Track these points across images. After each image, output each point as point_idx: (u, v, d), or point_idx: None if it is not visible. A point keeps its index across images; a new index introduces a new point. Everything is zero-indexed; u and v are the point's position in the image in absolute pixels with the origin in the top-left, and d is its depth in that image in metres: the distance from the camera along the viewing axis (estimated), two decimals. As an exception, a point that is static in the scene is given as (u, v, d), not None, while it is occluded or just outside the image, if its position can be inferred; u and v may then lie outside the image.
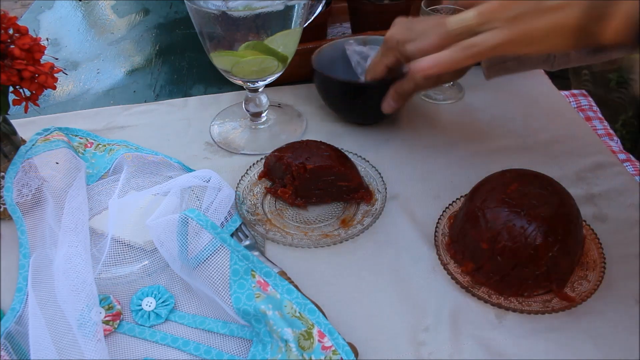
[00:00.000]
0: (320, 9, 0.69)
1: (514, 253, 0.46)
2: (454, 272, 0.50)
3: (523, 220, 0.46)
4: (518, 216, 0.46)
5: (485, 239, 0.47)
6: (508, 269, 0.46)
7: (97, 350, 0.44)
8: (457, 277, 0.49)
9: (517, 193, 0.48)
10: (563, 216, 0.47)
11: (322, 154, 0.57)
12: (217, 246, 0.48)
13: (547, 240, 0.45)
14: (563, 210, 0.47)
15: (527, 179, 0.49)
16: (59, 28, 1.03)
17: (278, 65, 0.64)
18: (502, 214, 0.47)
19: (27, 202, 0.57)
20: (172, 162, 0.64)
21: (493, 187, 0.50)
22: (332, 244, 0.55)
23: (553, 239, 0.45)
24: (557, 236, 0.45)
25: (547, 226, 0.45)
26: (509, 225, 0.46)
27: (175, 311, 0.49)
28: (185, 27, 1.01)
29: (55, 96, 0.82)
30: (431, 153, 0.67)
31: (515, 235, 0.45)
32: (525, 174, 0.51)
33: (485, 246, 0.47)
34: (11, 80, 0.51)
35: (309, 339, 0.44)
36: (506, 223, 0.46)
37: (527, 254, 0.45)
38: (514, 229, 0.46)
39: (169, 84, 0.84)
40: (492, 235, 0.47)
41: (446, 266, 0.50)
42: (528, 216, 0.46)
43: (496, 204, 0.48)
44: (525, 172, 0.51)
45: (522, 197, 0.47)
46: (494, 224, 0.47)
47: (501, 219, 0.47)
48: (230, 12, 0.57)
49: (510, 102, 0.76)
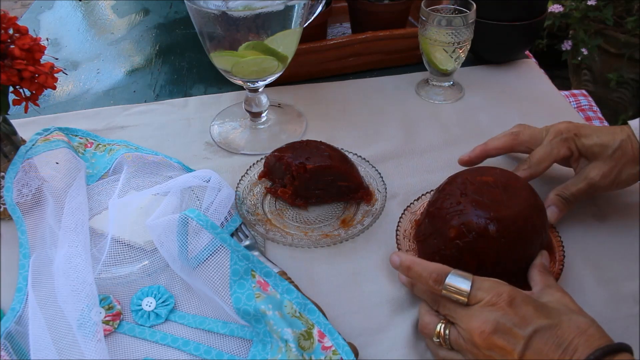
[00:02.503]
0: (320, 9, 0.69)
1: (472, 249, 0.46)
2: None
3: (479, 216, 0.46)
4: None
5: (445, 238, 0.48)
6: (473, 269, 0.45)
7: (97, 350, 0.44)
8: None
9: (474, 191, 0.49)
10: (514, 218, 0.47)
11: (322, 154, 0.57)
12: (217, 246, 0.48)
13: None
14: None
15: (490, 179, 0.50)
16: (59, 28, 1.03)
17: (278, 65, 0.64)
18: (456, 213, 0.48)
19: (27, 202, 0.57)
20: (172, 162, 0.64)
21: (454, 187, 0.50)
22: (332, 244, 0.54)
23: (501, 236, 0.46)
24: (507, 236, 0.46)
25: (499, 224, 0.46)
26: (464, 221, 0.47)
27: (175, 311, 0.49)
28: (185, 27, 1.01)
29: (55, 96, 0.82)
30: (431, 153, 0.67)
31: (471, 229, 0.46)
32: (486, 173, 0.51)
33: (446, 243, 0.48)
34: (11, 80, 0.51)
35: (309, 339, 0.44)
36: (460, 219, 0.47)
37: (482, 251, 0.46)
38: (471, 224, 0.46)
39: (169, 84, 0.84)
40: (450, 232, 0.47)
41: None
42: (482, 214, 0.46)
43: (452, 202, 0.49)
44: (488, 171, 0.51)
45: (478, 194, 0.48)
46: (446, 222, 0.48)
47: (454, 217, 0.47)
48: (230, 12, 0.57)
49: (510, 102, 0.76)
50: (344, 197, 0.59)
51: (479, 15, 0.72)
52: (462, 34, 0.70)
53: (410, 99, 0.77)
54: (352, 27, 0.88)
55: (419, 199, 0.58)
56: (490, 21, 0.76)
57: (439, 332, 0.43)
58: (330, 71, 0.82)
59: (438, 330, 0.43)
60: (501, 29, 0.77)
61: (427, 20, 0.70)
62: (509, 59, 0.84)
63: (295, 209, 0.59)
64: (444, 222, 0.48)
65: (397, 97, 0.78)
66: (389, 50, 0.82)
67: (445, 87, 0.77)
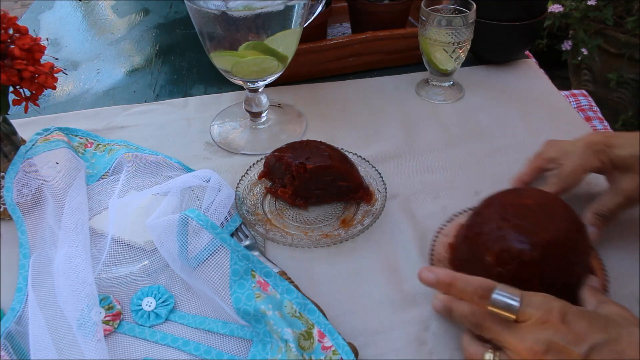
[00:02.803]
0: (320, 9, 0.69)
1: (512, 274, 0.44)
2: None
3: (522, 242, 0.44)
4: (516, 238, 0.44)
5: (486, 258, 0.46)
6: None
7: (97, 350, 0.44)
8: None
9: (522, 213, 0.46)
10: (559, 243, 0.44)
11: (322, 154, 0.57)
12: (217, 246, 0.48)
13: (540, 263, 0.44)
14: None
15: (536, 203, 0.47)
16: (59, 28, 1.03)
17: (278, 65, 0.64)
18: (501, 235, 0.45)
19: (27, 202, 0.57)
20: (172, 162, 0.64)
21: (500, 205, 0.48)
22: (332, 244, 0.55)
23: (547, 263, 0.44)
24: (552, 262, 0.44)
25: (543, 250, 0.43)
26: (506, 246, 0.44)
27: (175, 311, 0.49)
28: (185, 27, 1.01)
29: (55, 96, 0.82)
30: (431, 153, 0.67)
31: (513, 256, 0.44)
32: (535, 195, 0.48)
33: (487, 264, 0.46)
34: (11, 80, 0.51)
35: (309, 339, 0.44)
36: (503, 244, 0.45)
37: (523, 275, 0.44)
38: (512, 249, 0.44)
39: (169, 84, 0.84)
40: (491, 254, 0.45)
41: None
42: (526, 239, 0.44)
43: (497, 224, 0.46)
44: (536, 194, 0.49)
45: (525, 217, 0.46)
46: (491, 244, 0.45)
47: (498, 240, 0.45)
48: (230, 12, 0.57)
49: (510, 102, 0.76)
50: (344, 197, 0.59)
51: (479, 15, 0.72)
52: (462, 34, 0.70)
53: (410, 99, 0.77)
54: (352, 27, 0.88)
55: (450, 220, 0.55)
56: (490, 21, 0.76)
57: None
58: (330, 71, 0.82)
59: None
60: (501, 29, 0.77)
61: (427, 20, 0.70)
62: (509, 59, 0.84)
63: (295, 209, 0.59)
64: (485, 248, 0.45)
65: (397, 97, 0.78)
66: (389, 50, 0.82)
67: (445, 87, 0.77)
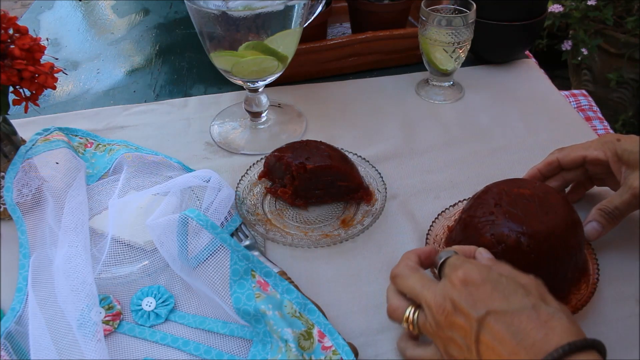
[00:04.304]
0: (320, 9, 0.69)
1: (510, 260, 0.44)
2: None
3: (518, 231, 0.45)
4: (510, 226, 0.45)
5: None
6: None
7: (97, 350, 0.44)
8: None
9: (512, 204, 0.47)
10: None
11: (322, 154, 0.57)
12: (217, 246, 0.48)
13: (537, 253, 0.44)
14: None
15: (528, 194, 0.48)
16: (59, 28, 1.03)
17: (278, 65, 0.64)
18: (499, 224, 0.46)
19: (27, 202, 0.57)
20: (172, 162, 0.64)
21: (494, 195, 0.49)
22: (332, 244, 0.54)
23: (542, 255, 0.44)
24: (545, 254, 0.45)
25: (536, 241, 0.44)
26: (505, 234, 0.45)
27: (175, 311, 0.49)
28: (185, 27, 1.01)
29: (55, 96, 0.82)
30: (431, 153, 0.67)
31: (510, 244, 0.45)
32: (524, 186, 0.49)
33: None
34: (11, 80, 0.51)
35: (309, 339, 0.44)
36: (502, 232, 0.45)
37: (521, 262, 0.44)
38: (510, 238, 0.45)
39: (169, 84, 0.84)
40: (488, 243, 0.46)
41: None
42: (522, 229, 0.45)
43: (490, 214, 0.47)
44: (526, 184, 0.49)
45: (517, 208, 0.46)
46: (485, 233, 0.46)
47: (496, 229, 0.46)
48: (230, 12, 0.57)
49: (510, 102, 0.76)
50: (344, 197, 0.59)
51: (479, 15, 0.72)
52: (462, 34, 0.70)
53: (410, 99, 0.77)
54: (352, 27, 0.88)
55: (455, 204, 0.56)
56: (490, 21, 0.76)
57: (408, 316, 0.41)
58: (330, 71, 0.82)
59: (407, 315, 0.41)
60: (501, 29, 0.77)
61: (427, 20, 0.70)
62: (509, 59, 0.84)
63: (295, 209, 0.59)
64: (475, 231, 0.47)
65: (397, 97, 0.78)
66: (389, 50, 0.82)
67: (445, 87, 0.77)
